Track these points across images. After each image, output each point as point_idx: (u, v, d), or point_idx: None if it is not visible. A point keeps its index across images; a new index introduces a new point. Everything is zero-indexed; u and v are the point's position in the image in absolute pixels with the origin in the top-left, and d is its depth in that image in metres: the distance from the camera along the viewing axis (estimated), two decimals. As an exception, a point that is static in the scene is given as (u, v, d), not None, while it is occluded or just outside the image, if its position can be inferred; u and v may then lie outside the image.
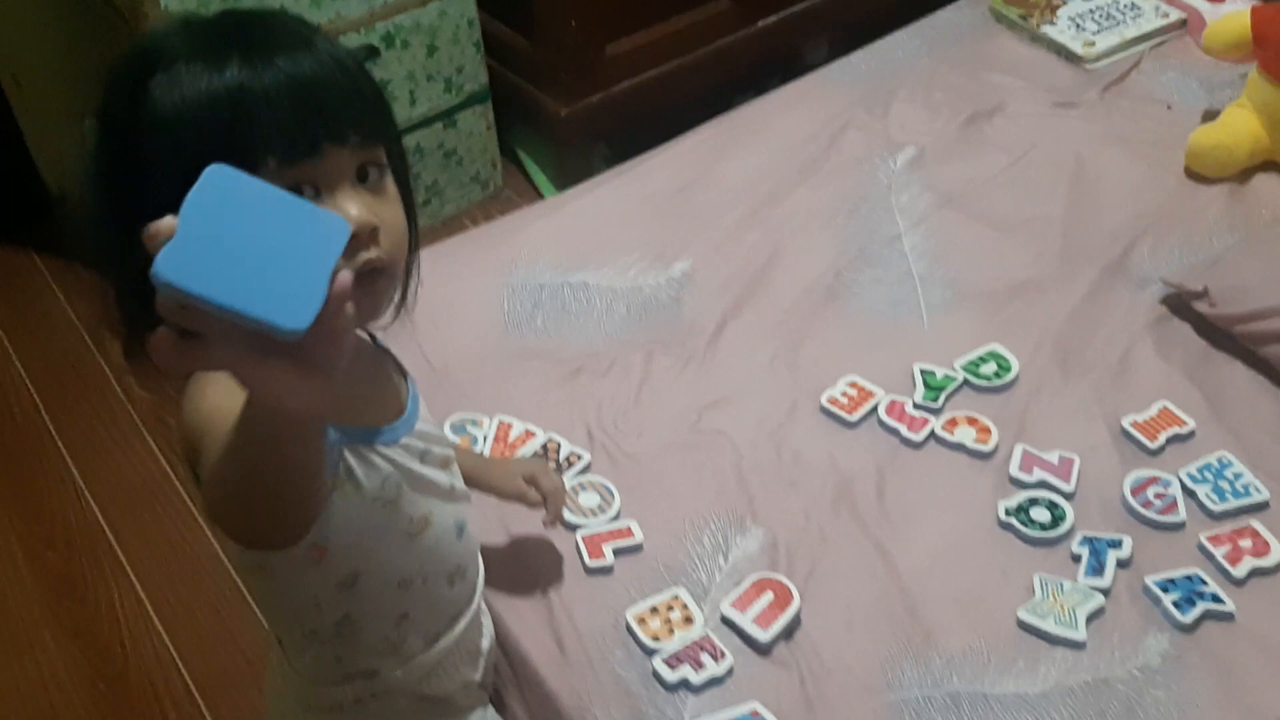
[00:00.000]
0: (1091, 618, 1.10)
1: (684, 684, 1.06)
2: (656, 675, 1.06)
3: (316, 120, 0.72)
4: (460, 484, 0.90)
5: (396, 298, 0.81)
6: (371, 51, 2.00)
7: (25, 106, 2.22)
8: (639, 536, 1.18)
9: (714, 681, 1.06)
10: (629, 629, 1.10)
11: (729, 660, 1.07)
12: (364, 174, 0.75)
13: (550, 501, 1.07)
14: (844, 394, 1.33)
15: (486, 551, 0.98)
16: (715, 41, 2.30)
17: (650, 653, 1.08)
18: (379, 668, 0.88)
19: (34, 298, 2.18)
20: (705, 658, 1.07)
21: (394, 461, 0.80)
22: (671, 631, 1.09)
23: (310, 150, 0.72)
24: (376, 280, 0.76)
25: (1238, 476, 1.22)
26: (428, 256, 1.73)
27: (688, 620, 1.10)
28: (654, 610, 1.11)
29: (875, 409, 1.31)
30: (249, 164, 0.64)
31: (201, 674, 1.59)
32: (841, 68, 1.88)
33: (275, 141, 0.70)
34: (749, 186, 1.64)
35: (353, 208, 0.73)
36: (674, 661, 1.07)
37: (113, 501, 1.82)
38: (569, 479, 1.23)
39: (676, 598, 1.13)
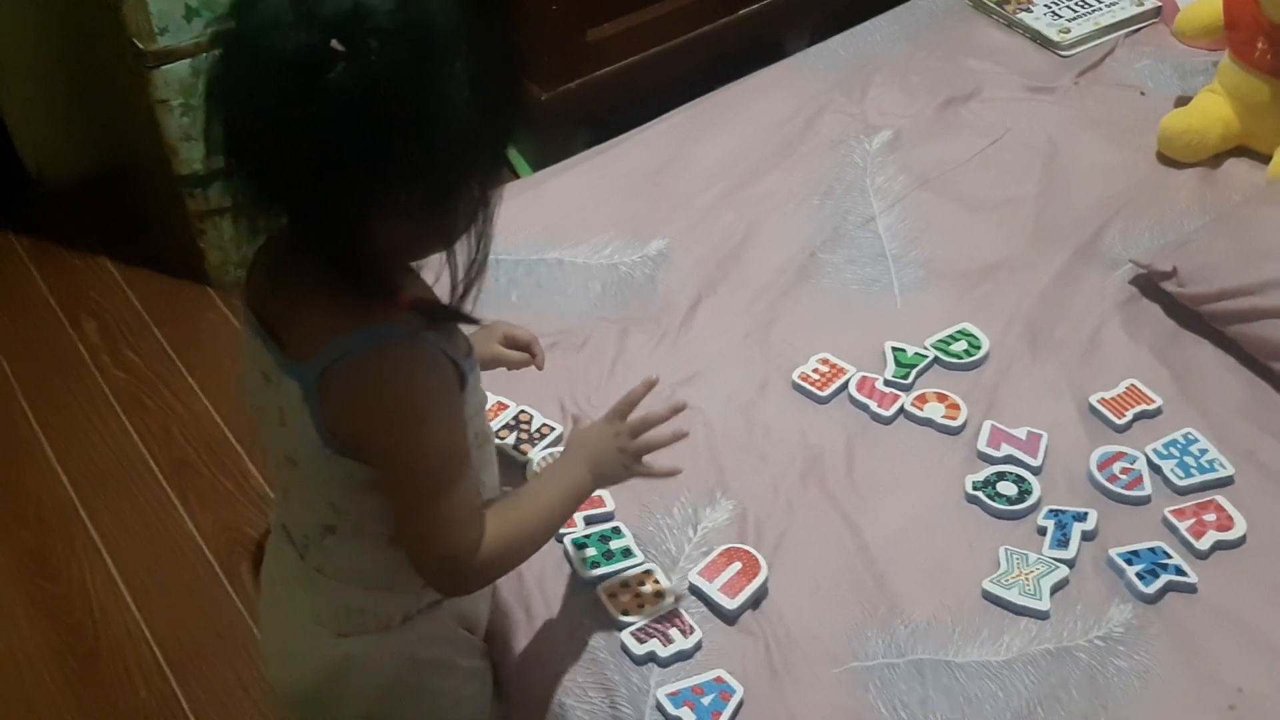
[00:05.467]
0: (1056, 589, 1.11)
1: (651, 657, 1.06)
2: (624, 647, 1.07)
3: None
4: None
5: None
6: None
7: (4, 86, 2.21)
8: (610, 505, 1.18)
9: (681, 655, 1.07)
10: (599, 602, 1.10)
11: (697, 635, 1.07)
12: None
13: (533, 347, 1.15)
14: (815, 370, 1.33)
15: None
16: (697, 28, 2.30)
17: (620, 626, 1.08)
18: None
19: (10, 276, 2.17)
20: (674, 632, 1.08)
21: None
22: (641, 606, 1.10)
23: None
24: None
25: (1203, 452, 1.23)
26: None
27: (658, 595, 1.11)
28: (625, 584, 1.12)
29: (846, 385, 1.32)
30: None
31: (173, 650, 1.59)
32: (819, 52, 1.89)
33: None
34: (726, 167, 1.65)
35: None
36: (642, 635, 1.07)
37: (86, 479, 1.81)
38: (540, 451, 1.24)
39: (648, 572, 1.13)
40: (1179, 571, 1.12)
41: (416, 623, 0.97)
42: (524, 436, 1.25)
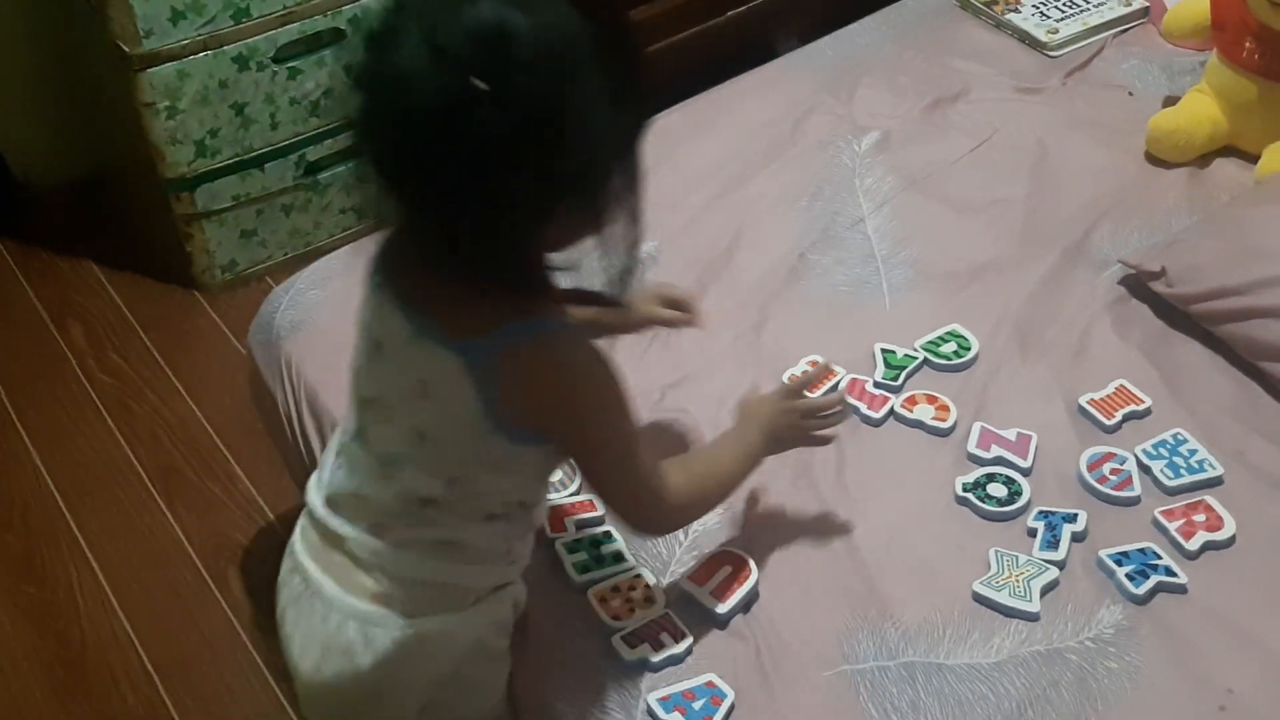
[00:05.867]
0: (1046, 590, 1.11)
1: (642, 663, 1.06)
2: (615, 652, 1.06)
3: None
4: None
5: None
6: (338, 35, 1.99)
7: (-12, 88, 2.20)
8: (600, 509, 1.18)
9: (672, 660, 1.06)
10: (590, 607, 1.10)
11: (688, 640, 1.07)
12: None
13: (690, 305, 1.19)
14: (804, 372, 1.33)
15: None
16: (686, 30, 2.30)
17: (610, 631, 1.08)
18: (520, 555, 1.01)
19: (-5, 280, 2.16)
20: (665, 637, 1.07)
21: None
22: (632, 611, 1.09)
23: None
24: None
25: (1192, 453, 1.23)
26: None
27: (649, 600, 1.10)
28: (615, 589, 1.11)
29: (836, 387, 1.31)
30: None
31: (160, 656, 1.57)
32: (807, 53, 1.89)
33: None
34: (714, 169, 1.64)
35: None
36: (633, 640, 1.07)
37: (72, 484, 1.80)
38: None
39: (638, 577, 1.12)
40: (1169, 572, 1.12)
41: (484, 606, 0.98)
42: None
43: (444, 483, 0.92)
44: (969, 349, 1.35)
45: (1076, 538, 1.16)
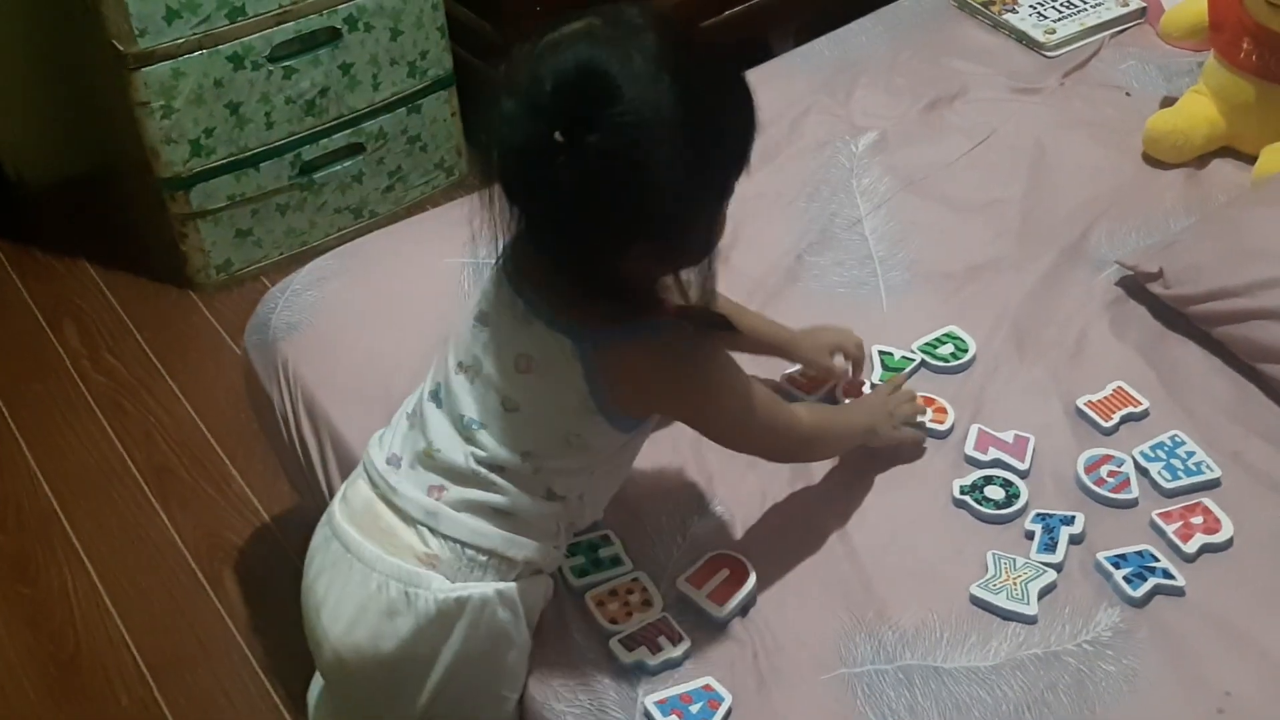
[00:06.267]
0: (1043, 593, 1.11)
1: (639, 666, 1.05)
2: (612, 655, 1.06)
3: None
4: None
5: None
6: (333, 34, 1.99)
7: (-19, 87, 2.19)
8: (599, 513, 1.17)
9: (669, 664, 1.06)
10: (587, 610, 1.09)
11: (686, 643, 1.07)
12: None
13: (856, 366, 1.29)
14: (802, 374, 1.33)
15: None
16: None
17: (608, 634, 1.08)
18: (563, 545, 1.06)
19: (-11, 280, 2.15)
20: (662, 640, 1.07)
21: None
22: (630, 614, 1.09)
23: None
24: None
25: (1190, 455, 1.23)
26: (387, 235, 1.72)
27: (646, 603, 1.10)
28: (613, 593, 1.11)
29: (834, 388, 1.31)
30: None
31: (154, 657, 1.57)
32: (804, 53, 1.88)
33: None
34: (711, 169, 1.64)
35: None
36: (631, 643, 1.06)
37: (66, 484, 1.80)
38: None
39: (636, 580, 1.12)
40: (1166, 575, 1.12)
41: (525, 583, 1.02)
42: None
43: (520, 454, 0.98)
44: (966, 350, 1.35)
45: (1074, 540, 1.15)
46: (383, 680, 1.01)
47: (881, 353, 1.35)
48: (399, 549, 0.98)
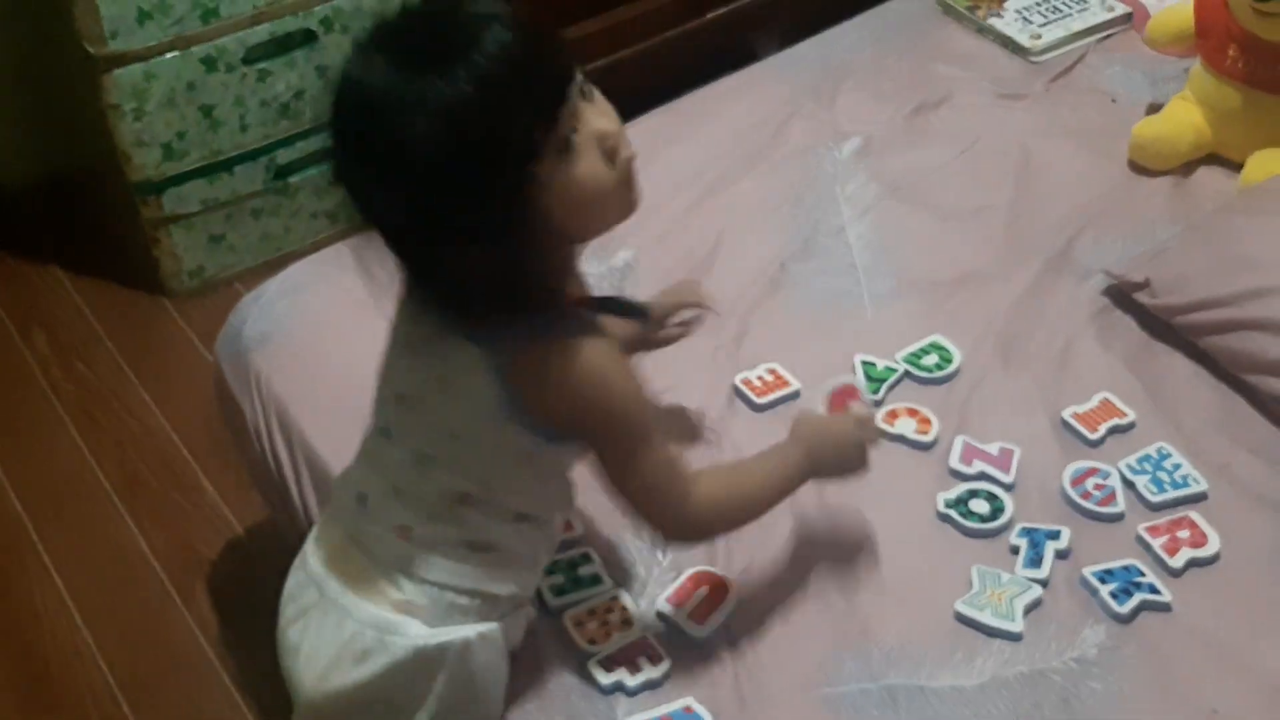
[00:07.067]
0: (1029, 609, 1.09)
1: (619, 687, 1.03)
2: (591, 677, 1.04)
3: (551, 71, 0.84)
4: None
5: None
6: (309, 36, 1.96)
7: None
8: (579, 530, 1.15)
9: (649, 684, 1.03)
10: (565, 631, 1.07)
11: (666, 664, 1.04)
12: (585, 92, 0.88)
13: (699, 304, 1.21)
14: (760, 379, 1.31)
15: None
16: (665, 32, 2.27)
17: (586, 656, 1.05)
18: (542, 565, 1.03)
19: (-45, 286, 2.10)
20: (642, 660, 1.04)
21: None
22: (609, 634, 1.06)
23: (562, 98, 0.84)
24: (635, 171, 0.91)
25: (1176, 467, 1.22)
26: (363, 241, 1.67)
27: (626, 623, 1.07)
28: (592, 612, 1.08)
29: (835, 402, 1.28)
30: (529, 136, 0.81)
31: (125, 673, 1.53)
32: (789, 57, 1.86)
33: (540, 111, 0.82)
34: (693, 175, 1.62)
35: (601, 121, 0.87)
36: (610, 664, 1.04)
37: (35, 495, 1.76)
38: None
39: (615, 599, 1.10)
40: (1153, 590, 1.11)
41: (506, 623, 0.98)
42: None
43: (476, 480, 0.94)
44: (951, 361, 1.33)
45: (1060, 555, 1.14)
46: None
47: (865, 363, 1.33)
48: (375, 594, 0.95)
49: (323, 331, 1.39)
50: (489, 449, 0.93)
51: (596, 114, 0.88)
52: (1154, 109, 1.66)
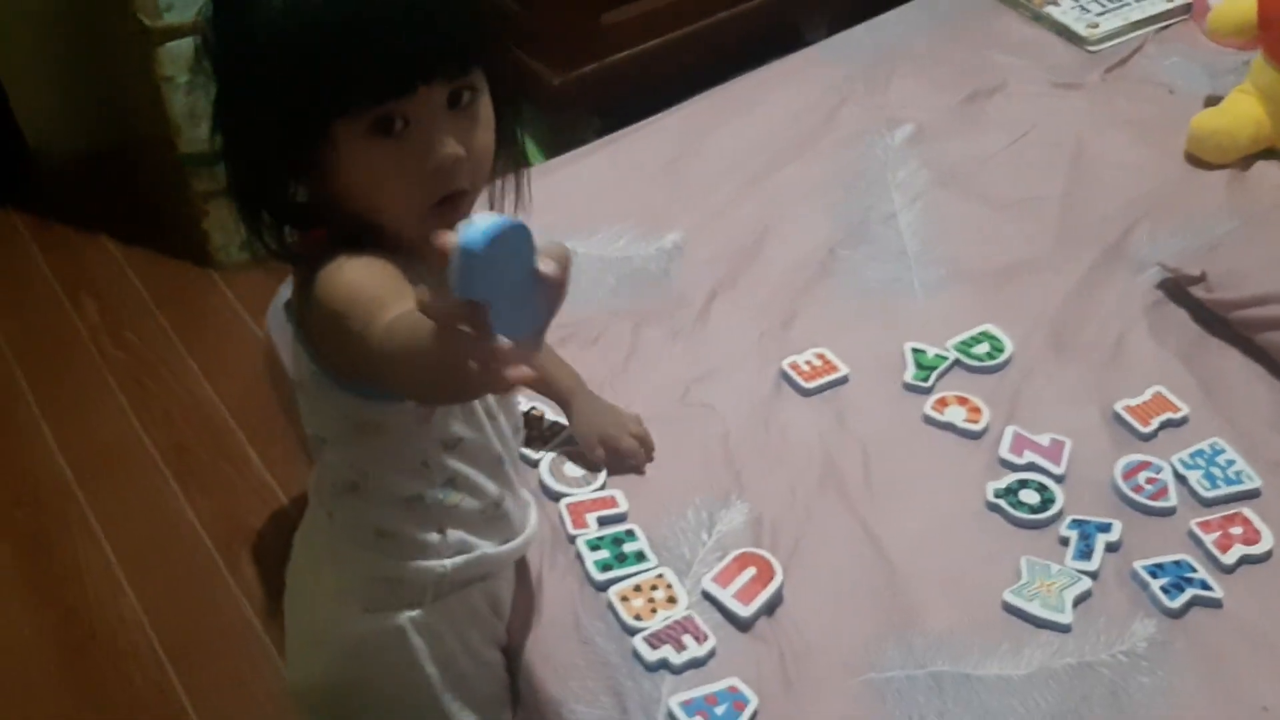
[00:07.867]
0: (1078, 601, 1.08)
1: (663, 664, 1.03)
2: (636, 653, 1.04)
3: (409, 62, 0.76)
4: None
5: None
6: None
7: (6, 60, 2.17)
8: (623, 506, 1.15)
9: (694, 663, 1.04)
10: (610, 606, 1.07)
11: (711, 642, 1.04)
12: (456, 99, 0.79)
13: (634, 461, 1.18)
14: (808, 363, 1.31)
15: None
16: (714, 14, 2.26)
17: (632, 631, 1.05)
18: (476, 543, 0.95)
19: (10, 252, 2.14)
20: (687, 639, 1.04)
21: None
22: (654, 611, 1.07)
23: (403, 91, 0.76)
24: (459, 205, 0.82)
25: (1230, 464, 1.20)
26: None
27: (671, 600, 1.08)
28: (637, 589, 1.09)
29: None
30: (343, 101, 0.75)
31: (170, 639, 1.56)
32: (842, 42, 1.85)
33: (371, 86, 0.75)
34: (743, 159, 1.61)
35: (441, 142, 0.78)
36: (655, 641, 1.04)
37: (84, 460, 1.78)
38: (552, 449, 1.21)
39: (660, 576, 1.10)
40: (1204, 586, 1.09)
41: (450, 602, 0.96)
42: (534, 434, 1.22)
43: (349, 467, 0.91)
44: (1003, 350, 1.32)
45: (1110, 548, 1.13)
46: (330, 714, 1.01)
47: (914, 350, 1.32)
48: (323, 579, 0.96)
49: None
50: (333, 420, 0.88)
51: (450, 128, 0.78)
52: (1212, 101, 1.64)
